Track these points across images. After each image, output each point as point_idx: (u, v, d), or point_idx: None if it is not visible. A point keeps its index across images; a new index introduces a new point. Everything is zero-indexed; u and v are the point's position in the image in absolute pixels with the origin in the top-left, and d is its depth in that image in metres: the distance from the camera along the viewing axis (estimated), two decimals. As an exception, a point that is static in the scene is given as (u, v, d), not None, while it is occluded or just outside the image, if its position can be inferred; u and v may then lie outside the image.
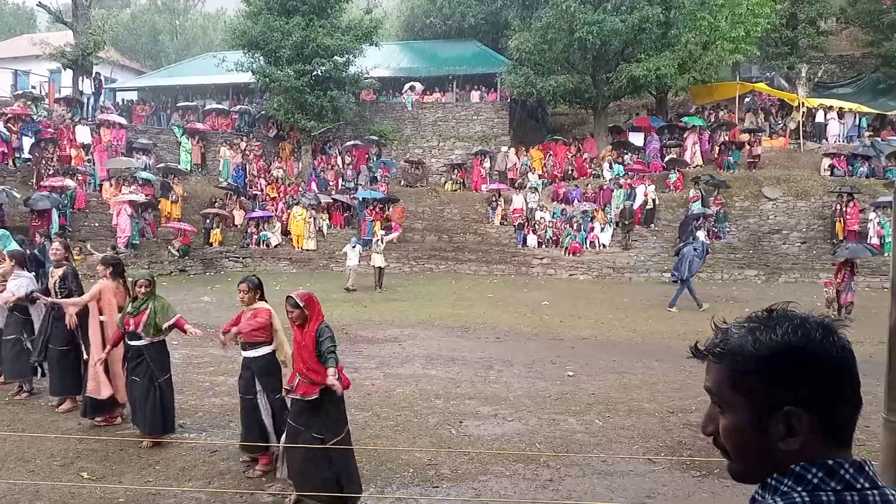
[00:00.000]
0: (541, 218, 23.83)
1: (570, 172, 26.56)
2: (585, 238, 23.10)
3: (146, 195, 22.65)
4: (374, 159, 28.02)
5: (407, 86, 30.65)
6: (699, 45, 25.34)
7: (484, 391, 9.16)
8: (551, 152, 27.37)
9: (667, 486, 6.01)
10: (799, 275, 21.04)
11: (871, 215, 21.29)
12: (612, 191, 24.02)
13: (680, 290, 16.36)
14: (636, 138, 26.85)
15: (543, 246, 23.43)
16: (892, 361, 2.10)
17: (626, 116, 31.47)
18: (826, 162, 24.33)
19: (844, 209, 21.59)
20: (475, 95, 30.44)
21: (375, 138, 28.52)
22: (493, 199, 25.06)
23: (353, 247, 19.75)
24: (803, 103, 27.01)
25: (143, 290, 6.87)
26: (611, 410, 8.20)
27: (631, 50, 25.32)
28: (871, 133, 26.84)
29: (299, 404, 5.50)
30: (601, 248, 22.99)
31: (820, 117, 27.18)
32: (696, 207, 22.59)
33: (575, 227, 23.30)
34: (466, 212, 25.58)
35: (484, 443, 7.22)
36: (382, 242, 19.74)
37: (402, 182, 27.61)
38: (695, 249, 16.50)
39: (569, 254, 22.84)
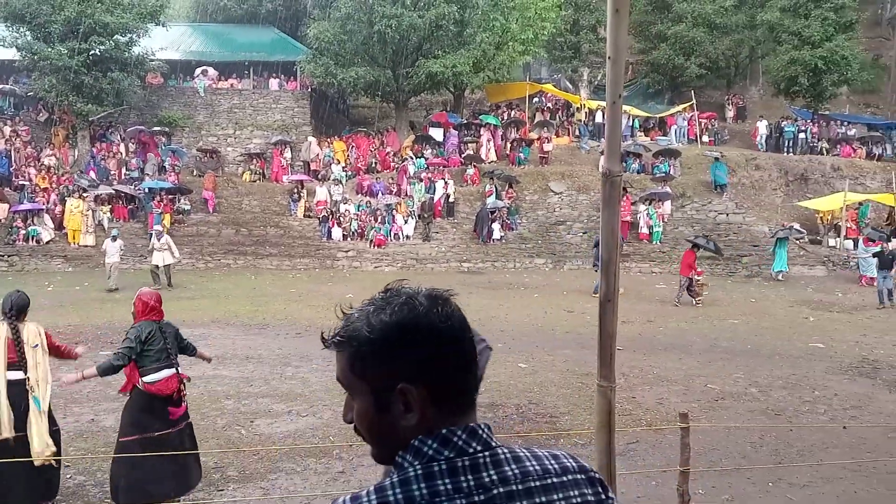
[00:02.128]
0: (345, 210, 23.64)
1: (373, 165, 26.62)
2: (390, 230, 23.30)
3: None
4: (163, 147, 26.12)
5: (199, 70, 28.94)
6: (493, 45, 26.52)
7: (279, 388, 8.84)
8: (354, 144, 27.26)
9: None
10: (581, 262, 22.78)
11: (641, 207, 23.60)
12: (412, 184, 24.45)
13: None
14: (436, 133, 27.54)
15: (349, 238, 23.27)
16: (602, 334, 2.24)
17: (426, 112, 32.18)
18: (604, 159, 26.51)
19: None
20: (274, 83, 29.49)
21: (162, 126, 26.61)
22: (296, 190, 24.44)
23: (114, 241, 18.00)
24: (585, 104, 29.28)
25: None
26: (407, 398, 8.25)
27: (429, 46, 25.88)
28: (643, 133, 29.77)
29: None
30: (405, 239, 23.32)
31: (599, 118, 29.63)
32: (491, 201, 23.66)
33: (379, 220, 23.40)
34: (267, 204, 24.69)
35: (275, 440, 6.98)
36: (160, 238, 18.21)
37: (195, 171, 26.02)
38: None
39: (374, 246, 22.91)
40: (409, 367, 1.14)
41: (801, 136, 29.45)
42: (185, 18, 36.23)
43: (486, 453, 1.14)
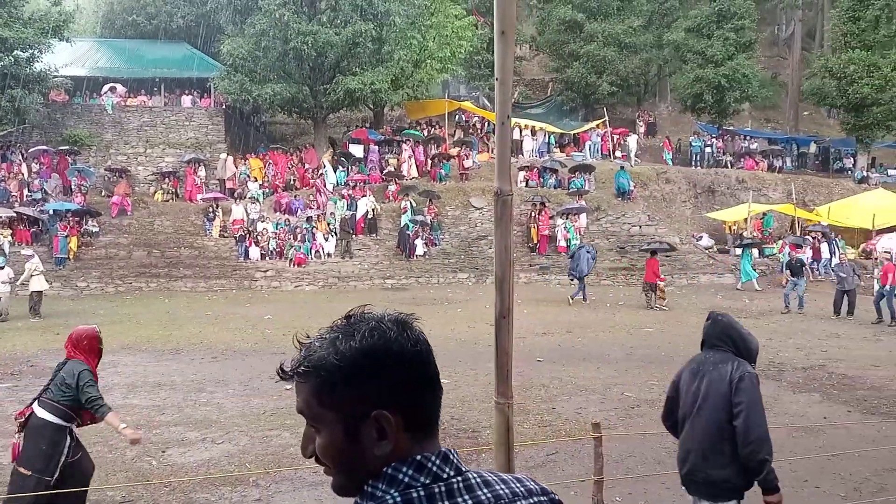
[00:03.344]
0: (263, 229, 23.15)
1: (292, 182, 26.23)
2: (310, 248, 22.95)
3: None
4: (69, 167, 24.97)
5: (107, 87, 27.91)
6: (411, 62, 26.68)
7: (192, 415, 8.52)
8: (271, 161, 26.80)
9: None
10: (504, 276, 23.03)
11: (559, 221, 24.13)
12: (335, 201, 24.21)
13: (581, 285, 18.96)
14: (356, 150, 27.41)
15: (267, 258, 22.78)
16: (499, 350, 2.24)
17: (345, 128, 32.02)
18: (522, 174, 27.07)
19: (537, 216, 24.15)
20: (187, 100, 28.72)
21: (68, 145, 25.46)
22: (211, 209, 23.78)
23: (1, 269, 16.85)
24: (502, 121, 29.75)
25: None
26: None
27: (346, 63, 25.79)
28: (558, 149, 30.50)
29: None
30: (326, 258, 23.02)
31: (516, 134, 30.19)
32: (406, 218, 23.56)
33: (299, 238, 23.03)
34: (181, 224, 23.91)
35: (189, 470, 6.71)
36: (35, 264, 17.16)
37: (103, 192, 24.97)
38: (588, 252, 19.36)
39: (294, 265, 22.50)
40: (382, 393, 1.13)
41: (708, 150, 30.86)
42: (92, 34, 34.99)
43: (459, 478, 1.14)
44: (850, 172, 30.98)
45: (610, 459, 6.64)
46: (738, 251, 22.82)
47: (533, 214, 24.26)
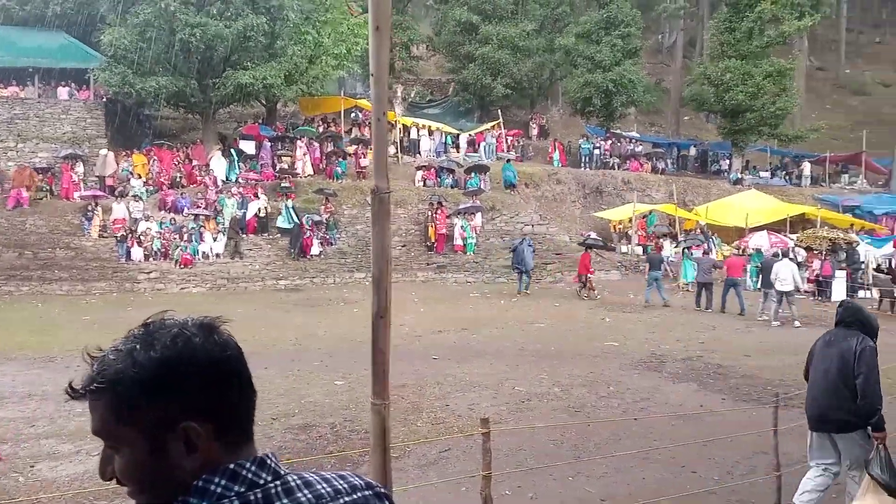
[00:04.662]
0: (147, 229, 22.05)
1: (178, 180, 25.14)
2: (197, 249, 22.07)
3: None
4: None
5: (-28, 76, 25.78)
6: (305, 58, 26.14)
7: (66, 427, 7.99)
8: (156, 158, 25.57)
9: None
10: (400, 275, 23.01)
11: (456, 220, 24.37)
12: (224, 199, 23.40)
13: (521, 277, 20.27)
14: (247, 147, 26.62)
15: (151, 259, 21.71)
16: (375, 350, 2.23)
17: (237, 124, 31.05)
18: (419, 174, 27.16)
19: (435, 216, 24.30)
20: (63, 92, 26.96)
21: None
22: (89, 208, 22.41)
23: None
24: (399, 121, 29.76)
25: None
26: (213, 426, 7.79)
27: (238, 57, 24.98)
28: (455, 149, 30.80)
29: None
30: (214, 258, 22.21)
31: (414, 134, 30.28)
32: (281, 219, 23.14)
33: (185, 238, 22.09)
34: (56, 223, 22.39)
35: (60, 485, 6.29)
36: None
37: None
38: (529, 245, 20.57)
39: (180, 266, 21.56)
40: (189, 403, 1.06)
41: (596, 152, 32.06)
42: (-46, 18, 32.13)
43: (277, 482, 1.10)
44: (725, 174, 32.99)
45: (500, 454, 6.75)
46: (673, 252, 23.91)
47: (431, 213, 24.38)
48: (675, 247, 24.85)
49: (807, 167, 33.86)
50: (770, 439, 5.89)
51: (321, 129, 29.45)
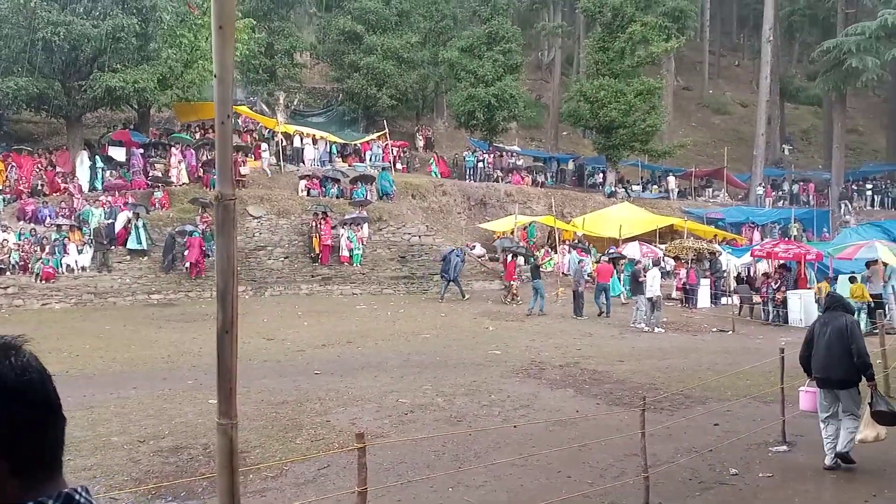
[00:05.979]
0: (3, 240, 20.33)
1: (39, 188, 23.38)
2: (60, 261, 20.57)
3: None
4: None
5: None
6: (180, 62, 25.05)
7: None
8: (15, 164, 23.66)
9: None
10: (283, 287, 22.49)
11: (342, 231, 24.05)
12: (90, 209, 21.96)
13: (447, 286, 21.27)
14: (117, 153, 25.16)
15: (8, 273, 20.02)
16: (221, 368, 2.11)
17: (106, 129, 29.33)
18: (303, 183, 26.63)
19: (320, 226, 23.89)
20: None
21: None
22: (-66, 218, 20.42)
23: None
24: (281, 129, 29.11)
25: None
26: (72, 451, 7.23)
27: (106, 59, 23.57)
28: (340, 159, 30.46)
29: None
30: (80, 271, 20.78)
31: (297, 142, 29.69)
32: (131, 242, 21.39)
33: (47, 250, 20.54)
34: None
35: None
36: None
37: None
38: (458, 256, 21.61)
39: (41, 280, 20.02)
40: None
41: (480, 165, 32.68)
42: None
43: None
44: (601, 188, 34.50)
45: (381, 468, 6.67)
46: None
47: (315, 224, 23.93)
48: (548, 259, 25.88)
49: (671, 181, 35.98)
50: (639, 441, 6.13)
51: (198, 136, 28.28)
